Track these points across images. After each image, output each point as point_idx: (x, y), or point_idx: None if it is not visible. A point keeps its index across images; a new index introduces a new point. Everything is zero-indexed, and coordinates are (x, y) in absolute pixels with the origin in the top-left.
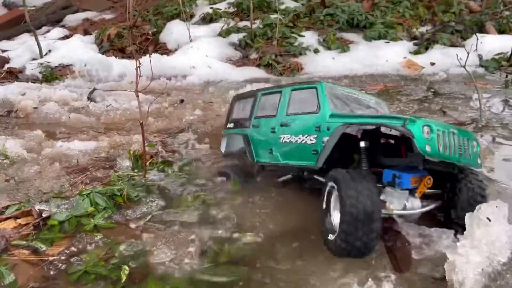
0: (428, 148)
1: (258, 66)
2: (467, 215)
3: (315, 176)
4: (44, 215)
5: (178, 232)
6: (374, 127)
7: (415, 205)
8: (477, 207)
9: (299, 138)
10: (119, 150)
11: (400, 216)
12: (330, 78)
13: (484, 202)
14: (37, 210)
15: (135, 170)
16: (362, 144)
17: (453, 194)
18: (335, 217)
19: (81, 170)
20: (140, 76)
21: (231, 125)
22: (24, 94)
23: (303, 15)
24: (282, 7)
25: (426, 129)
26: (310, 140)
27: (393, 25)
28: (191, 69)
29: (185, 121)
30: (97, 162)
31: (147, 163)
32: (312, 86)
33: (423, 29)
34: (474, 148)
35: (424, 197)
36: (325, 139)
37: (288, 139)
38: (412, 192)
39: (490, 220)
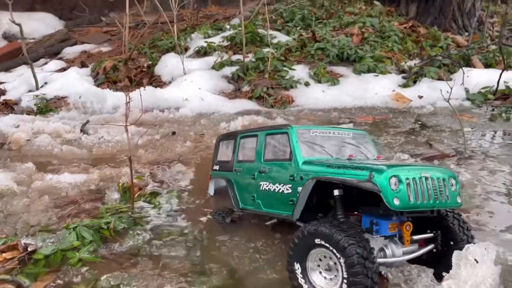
0: (396, 202)
1: (250, 98)
2: (455, 254)
3: (298, 223)
4: (29, 249)
5: (161, 268)
6: (338, 182)
7: (396, 253)
8: (465, 247)
9: (276, 187)
10: (109, 183)
11: (381, 264)
12: (320, 110)
13: (470, 243)
14: (22, 244)
15: (124, 202)
16: (336, 192)
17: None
18: (316, 279)
19: (69, 203)
20: (129, 110)
21: (216, 167)
22: (18, 126)
23: (294, 49)
24: (274, 41)
25: (393, 180)
26: (286, 189)
27: (382, 59)
28: (184, 101)
29: (176, 153)
30: (86, 195)
31: (136, 195)
32: (283, 131)
33: (411, 62)
34: (452, 187)
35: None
36: (299, 189)
37: (267, 186)
38: (392, 239)
39: (477, 262)
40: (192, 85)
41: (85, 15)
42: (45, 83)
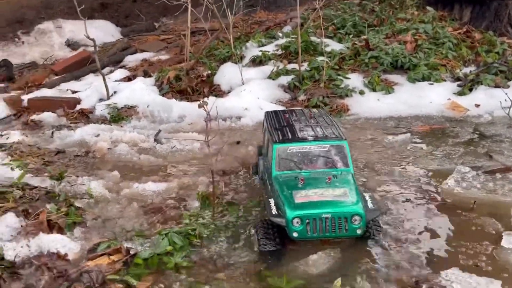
0: (295, 235)
1: (306, 107)
2: None
3: None
4: (131, 252)
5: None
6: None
7: None
8: None
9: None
10: (188, 191)
11: None
12: (375, 119)
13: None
14: (125, 248)
15: (204, 210)
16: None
17: None
18: None
19: (156, 210)
20: (209, 124)
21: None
22: (98, 135)
23: (348, 57)
24: (328, 49)
25: (296, 220)
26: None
27: (437, 66)
28: (244, 110)
29: (242, 161)
30: (169, 202)
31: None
32: (272, 142)
33: (466, 70)
34: (355, 222)
35: None
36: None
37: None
38: None
39: None
40: (251, 95)
41: (140, 22)
42: (114, 92)
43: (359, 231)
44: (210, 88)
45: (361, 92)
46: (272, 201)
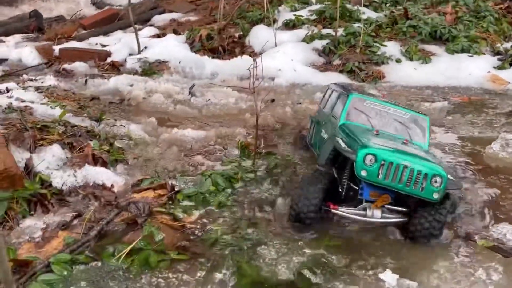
0: (363, 173)
1: (341, 72)
2: None
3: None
4: (176, 189)
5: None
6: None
7: (375, 215)
8: None
9: (324, 135)
10: (225, 140)
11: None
12: (412, 87)
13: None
14: (170, 184)
15: (243, 158)
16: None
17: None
18: None
19: (195, 154)
20: (257, 75)
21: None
22: (132, 85)
23: (385, 25)
24: (364, 16)
25: (369, 157)
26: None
27: (477, 39)
28: (278, 71)
29: (277, 118)
30: (209, 149)
31: (253, 153)
32: (345, 94)
33: (507, 45)
34: (435, 183)
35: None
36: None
37: (321, 134)
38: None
39: None
40: (284, 57)
41: None
42: (145, 47)
43: (436, 195)
44: (241, 48)
45: (398, 60)
46: (340, 140)
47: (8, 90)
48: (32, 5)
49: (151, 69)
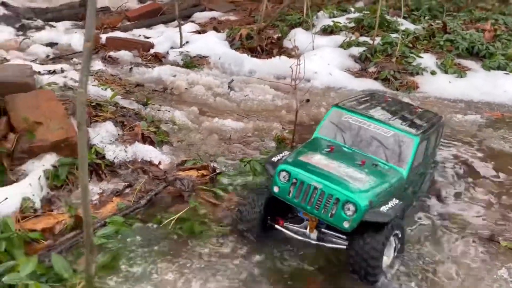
0: (276, 189)
1: (375, 79)
2: None
3: None
4: (217, 170)
5: None
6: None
7: (311, 236)
8: None
9: None
10: (262, 133)
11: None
12: (445, 99)
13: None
14: (211, 166)
15: (279, 150)
16: None
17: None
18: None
19: (235, 143)
20: (299, 73)
21: None
22: (175, 76)
23: (422, 37)
24: (402, 28)
25: (283, 173)
26: None
27: None
28: (314, 74)
29: (311, 117)
30: (247, 139)
31: (289, 146)
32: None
33: None
34: (347, 211)
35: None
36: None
37: None
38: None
39: None
40: (321, 60)
41: None
42: (187, 42)
43: (346, 224)
44: (279, 49)
45: (433, 72)
46: (286, 153)
47: (63, 71)
48: None
49: (192, 62)
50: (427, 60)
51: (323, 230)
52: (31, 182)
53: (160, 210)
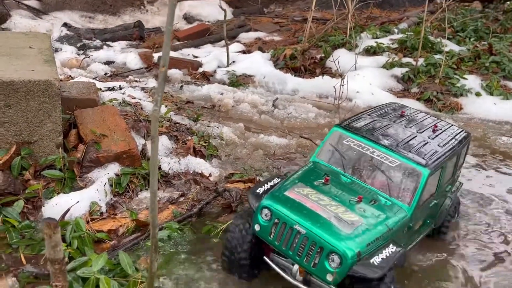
0: (257, 228)
1: (418, 99)
2: None
3: None
4: None
5: None
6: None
7: (297, 277)
8: None
9: None
10: (305, 149)
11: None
12: (490, 121)
13: None
14: (257, 179)
15: None
16: None
17: None
18: None
19: (279, 158)
20: (342, 92)
21: None
22: (222, 94)
23: (467, 59)
24: (446, 49)
25: (265, 211)
26: None
27: None
28: (356, 93)
29: None
30: (290, 155)
31: None
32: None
33: None
34: (332, 262)
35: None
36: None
37: None
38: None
39: None
40: (364, 80)
41: (252, 4)
42: (233, 61)
43: (329, 277)
44: (322, 69)
45: (478, 94)
46: (276, 181)
47: (121, 88)
48: (132, 16)
49: (238, 81)
50: (472, 81)
51: (311, 277)
52: (98, 188)
53: (210, 220)
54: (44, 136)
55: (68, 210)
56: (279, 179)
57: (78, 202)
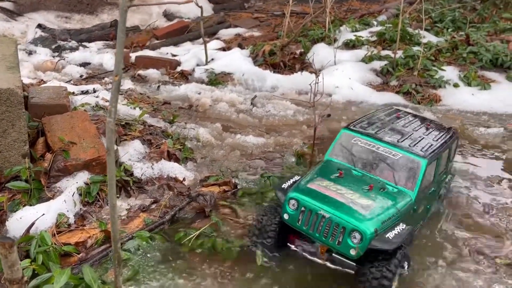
0: (286, 217)
1: (397, 93)
2: None
3: None
4: (238, 186)
5: None
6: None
7: (321, 257)
8: None
9: None
10: (283, 148)
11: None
12: (468, 112)
13: None
14: (233, 182)
15: (299, 165)
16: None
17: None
18: None
19: (256, 158)
20: (318, 91)
21: None
22: (199, 93)
23: (445, 50)
24: (424, 40)
25: (292, 201)
26: None
27: None
28: (335, 88)
29: (332, 131)
30: (268, 155)
31: (308, 161)
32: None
33: None
34: (354, 239)
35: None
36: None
37: None
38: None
39: None
40: (343, 74)
41: (232, 0)
42: (212, 59)
43: (353, 252)
44: (301, 65)
45: (456, 85)
46: (297, 178)
47: (94, 91)
48: (110, 15)
49: (217, 79)
50: (450, 72)
51: (333, 254)
52: (66, 198)
53: (183, 226)
54: (9, 146)
55: (33, 223)
56: (299, 177)
57: (43, 214)
